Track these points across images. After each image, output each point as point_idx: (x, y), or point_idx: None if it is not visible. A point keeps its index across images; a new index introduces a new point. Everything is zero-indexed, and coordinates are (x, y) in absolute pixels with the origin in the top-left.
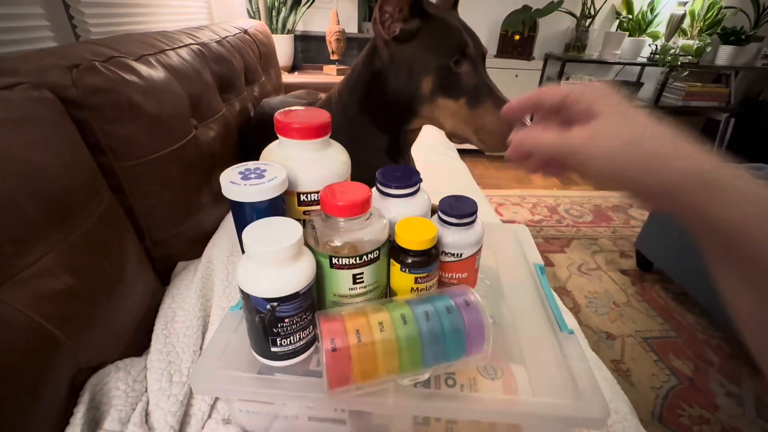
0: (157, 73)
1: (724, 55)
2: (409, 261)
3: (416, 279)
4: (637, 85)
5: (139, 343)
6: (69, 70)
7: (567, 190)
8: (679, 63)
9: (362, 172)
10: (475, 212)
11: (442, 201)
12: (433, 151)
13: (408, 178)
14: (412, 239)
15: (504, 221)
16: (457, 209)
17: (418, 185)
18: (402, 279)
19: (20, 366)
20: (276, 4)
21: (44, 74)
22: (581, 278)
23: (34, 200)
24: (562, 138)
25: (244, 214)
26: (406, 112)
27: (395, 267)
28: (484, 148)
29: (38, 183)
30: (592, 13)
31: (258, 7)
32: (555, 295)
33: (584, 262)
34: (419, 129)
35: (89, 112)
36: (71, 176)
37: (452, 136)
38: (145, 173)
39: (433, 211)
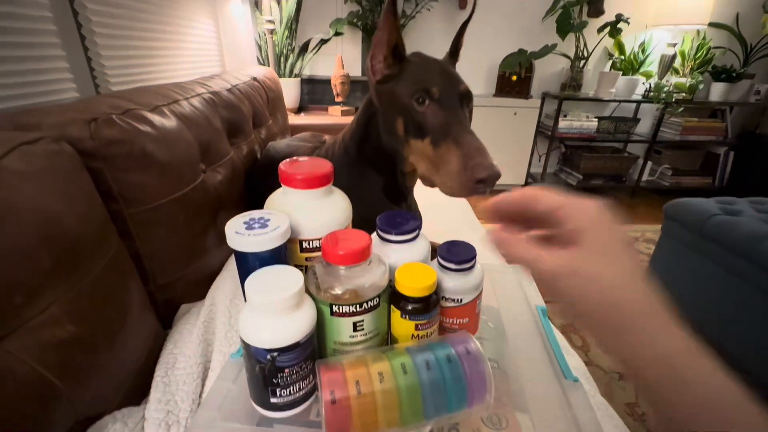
0: (169, 122)
1: (717, 91)
2: (410, 308)
3: (417, 326)
4: (634, 121)
5: (138, 391)
6: (88, 123)
7: None
8: (673, 100)
9: (362, 212)
10: (473, 257)
11: (441, 247)
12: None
13: (408, 224)
14: (412, 286)
15: None
16: (456, 254)
17: (417, 231)
18: (402, 326)
19: (19, 418)
20: (284, 51)
21: (65, 128)
22: None
23: (47, 249)
24: (544, 262)
25: (248, 262)
26: (394, 154)
27: (395, 313)
28: (445, 191)
29: (53, 232)
30: (586, 54)
31: (267, 55)
32: (560, 337)
33: None
34: (415, 172)
35: (103, 161)
36: (84, 225)
37: (423, 179)
38: (153, 218)
39: (434, 251)
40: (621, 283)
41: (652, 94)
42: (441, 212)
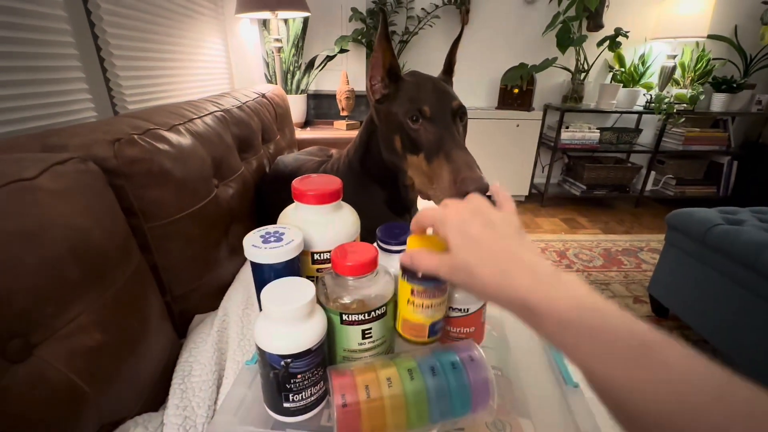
0: (185, 140)
1: (719, 102)
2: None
3: (412, 290)
4: (636, 131)
5: (156, 398)
6: (112, 144)
7: (575, 234)
8: (674, 111)
9: (367, 225)
10: None
11: None
12: None
13: (405, 234)
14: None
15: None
16: None
17: None
18: (403, 290)
19: (51, 421)
20: (291, 68)
21: (90, 148)
22: None
23: (76, 263)
24: (436, 264)
25: (263, 273)
26: (395, 168)
27: (401, 280)
28: (437, 204)
29: (81, 247)
30: (586, 67)
31: (275, 72)
32: None
33: None
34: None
35: (125, 179)
36: (109, 239)
37: (419, 192)
38: (170, 232)
39: None
40: (479, 261)
41: (653, 105)
42: None
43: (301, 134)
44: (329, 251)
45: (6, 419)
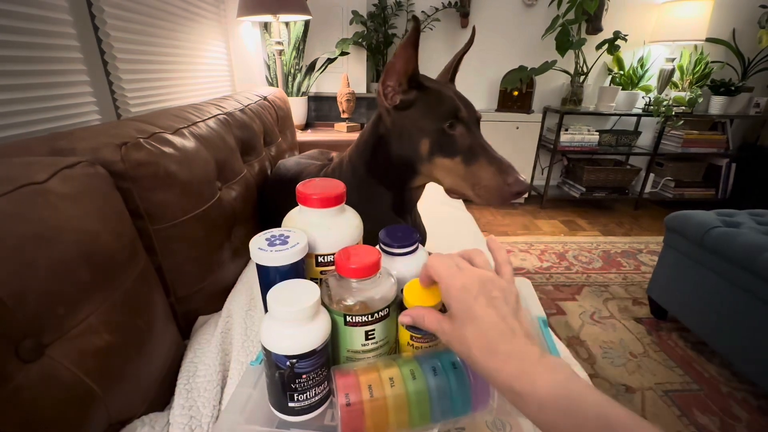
0: (189, 143)
1: (717, 104)
2: None
3: (411, 336)
4: (635, 134)
5: (162, 398)
6: (119, 147)
7: (574, 236)
8: (673, 113)
9: (371, 227)
10: None
11: None
12: (438, 203)
13: (408, 238)
14: (413, 303)
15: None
16: None
17: (416, 244)
18: (402, 334)
19: (62, 420)
20: (292, 71)
21: (98, 152)
22: (595, 327)
23: (86, 265)
24: (435, 327)
25: (269, 275)
26: (407, 171)
27: (399, 326)
28: (480, 202)
29: (90, 249)
30: (585, 70)
31: (276, 74)
32: (562, 347)
33: (597, 310)
34: (422, 187)
35: (132, 182)
36: (117, 241)
37: (450, 192)
38: (175, 234)
39: None
40: (476, 340)
41: (652, 107)
42: (443, 226)
43: (301, 136)
44: (333, 254)
45: (19, 417)
